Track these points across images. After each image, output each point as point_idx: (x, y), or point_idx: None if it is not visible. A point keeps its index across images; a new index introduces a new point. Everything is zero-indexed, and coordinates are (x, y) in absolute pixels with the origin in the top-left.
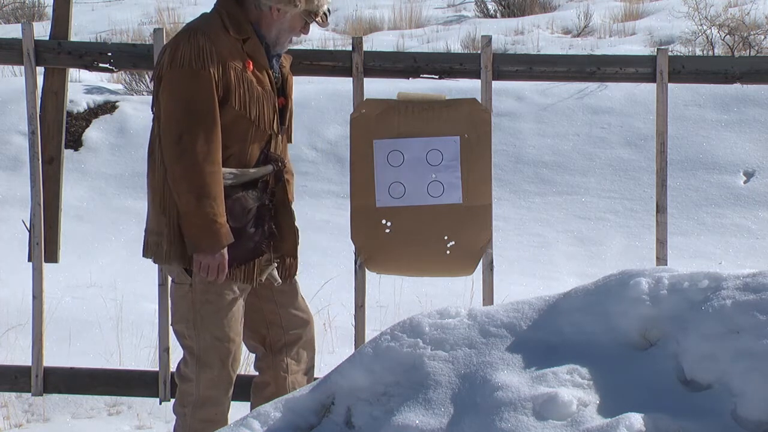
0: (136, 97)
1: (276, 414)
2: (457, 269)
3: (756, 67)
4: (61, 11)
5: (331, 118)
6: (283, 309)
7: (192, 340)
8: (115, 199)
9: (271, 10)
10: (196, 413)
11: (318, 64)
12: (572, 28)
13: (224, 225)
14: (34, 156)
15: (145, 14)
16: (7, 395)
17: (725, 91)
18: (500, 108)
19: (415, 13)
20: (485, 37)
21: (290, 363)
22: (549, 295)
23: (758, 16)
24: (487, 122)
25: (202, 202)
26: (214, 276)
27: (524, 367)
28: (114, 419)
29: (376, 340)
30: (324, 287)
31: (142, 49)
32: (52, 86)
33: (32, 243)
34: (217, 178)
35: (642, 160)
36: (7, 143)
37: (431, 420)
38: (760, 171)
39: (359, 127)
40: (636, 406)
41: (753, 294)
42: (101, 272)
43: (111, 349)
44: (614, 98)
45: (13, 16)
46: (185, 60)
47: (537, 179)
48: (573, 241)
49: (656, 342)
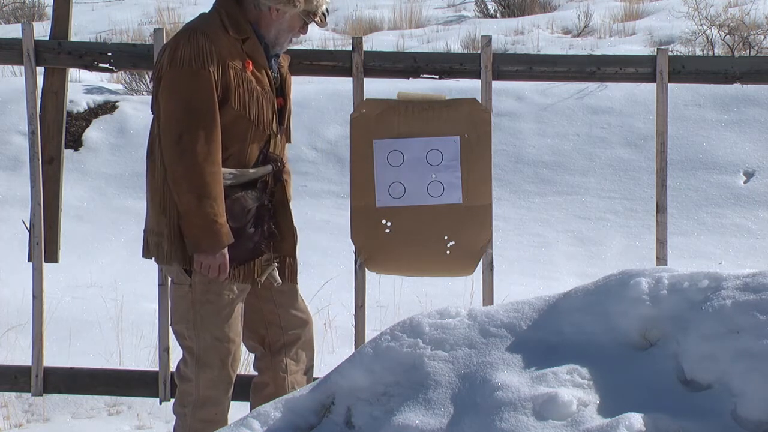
0: (136, 97)
1: (276, 414)
2: (457, 269)
3: (756, 67)
4: (61, 11)
5: (331, 118)
6: (282, 309)
7: (192, 340)
8: (115, 199)
9: (270, 11)
10: (196, 413)
11: (318, 64)
12: (572, 28)
13: (225, 225)
14: (34, 156)
15: (145, 14)
16: (7, 395)
17: (725, 91)
18: (500, 108)
19: (415, 13)
20: (485, 37)
21: (289, 363)
22: (549, 295)
23: (758, 16)
24: (487, 122)
25: (203, 203)
26: (215, 276)
27: (524, 367)
28: (114, 419)
29: (376, 340)
30: (324, 287)
31: (142, 49)
32: (52, 86)
33: (32, 243)
34: (218, 178)
35: (642, 160)
36: (7, 143)
37: (431, 420)
38: (760, 171)
39: (359, 127)
40: (636, 406)
41: (753, 294)
42: (101, 272)
43: (111, 349)
44: (614, 98)
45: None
46: (185, 60)
47: (537, 179)
48: (573, 241)
49: (656, 342)
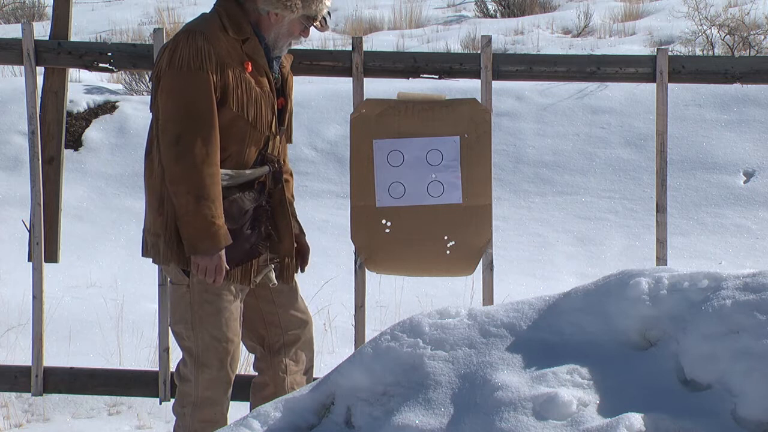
0: (136, 97)
1: (276, 414)
2: (457, 269)
3: (756, 67)
4: (61, 11)
5: (331, 118)
6: (282, 309)
7: (190, 340)
8: (115, 199)
9: (269, 15)
10: (196, 413)
11: (318, 64)
12: (572, 28)
13: (222, 227)
14: (34, 156)
15: (145, 14)
16: (7, 395)
17: (725, 91)
18: (500, 108)
19: (415, 13)
20: (485, 37)
21: (289, 364)
22: (549, 295)
23: (758, 16)
24: (487, 122)
25: (201, 204)
26: (212, 278)
27: (524, 367)
28: (114, 419)
29: (376, 340)
30: (324, 287)
31: (142, 49)
32: (52, 86)
33: (32, 243)
34: (216, 180)
35: (642, 160)
36: (7, 143)
37: (431, 420)
38: (760, 171)
39: (359, 127)
40: (636, 406)
41: (753, 294)
42: (101, 272)
43: (111, 349)
44: (614, 98)
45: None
46: (183, 61)
47: (537, 179)
48: (573, 241)
49: (656, 342)
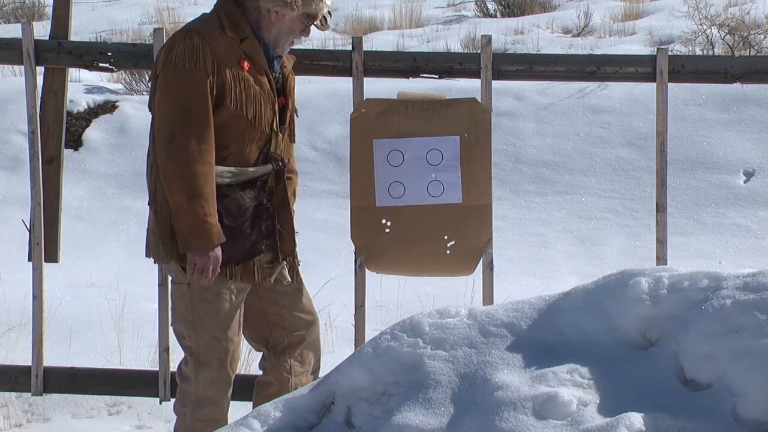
0: (136, 97)
1: (276, 413)
2: (457, 269)
3: (756, 66)
4: (61, 11)
5: (331, 117)
6: (286, 310)
7: (191, 339)
8: (115, 199)
9: (268, 13)
10: (196, 413)
11: (318, 64)
12: (572, 28)
13: (215, 225)
14: (34, 156)
15: (145, 14)
16: (7, 395)
17: (725, 90)
18: (500, 108)
19: (415, 13)
20: (485, 37)
21: (294, 365)
22: (549, 295)
23: (758, 15)
24: (487, 122)
25: (193, 202)
26: (207, 277)
27: (524, 366)
28: (114, 419)
29: (376, 340)
30: (324, 287)
31: (142, 48)
32: (52, 86)
33: (32, 243)
34: (209, 178)
35: (642, 160)
36: (7, 143)
37: (431, 420)
38: (760, 171)
39: (359, 127)
40: (636, 406)
41: (753, 294)
42: (101, 272)
43: (111, 349)
44: (614, 98)
45: (13, 16)
46: (179, 60)
47: (537, 179)
48: (573, 241)
49: (656, 342)
